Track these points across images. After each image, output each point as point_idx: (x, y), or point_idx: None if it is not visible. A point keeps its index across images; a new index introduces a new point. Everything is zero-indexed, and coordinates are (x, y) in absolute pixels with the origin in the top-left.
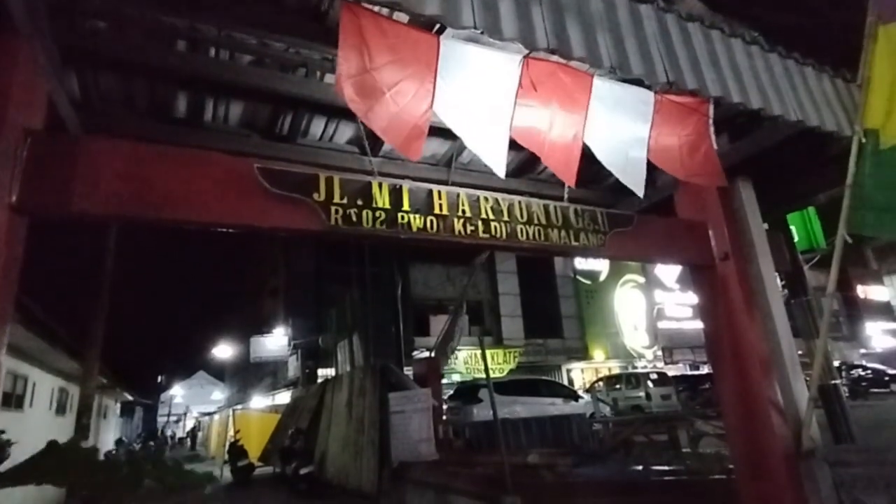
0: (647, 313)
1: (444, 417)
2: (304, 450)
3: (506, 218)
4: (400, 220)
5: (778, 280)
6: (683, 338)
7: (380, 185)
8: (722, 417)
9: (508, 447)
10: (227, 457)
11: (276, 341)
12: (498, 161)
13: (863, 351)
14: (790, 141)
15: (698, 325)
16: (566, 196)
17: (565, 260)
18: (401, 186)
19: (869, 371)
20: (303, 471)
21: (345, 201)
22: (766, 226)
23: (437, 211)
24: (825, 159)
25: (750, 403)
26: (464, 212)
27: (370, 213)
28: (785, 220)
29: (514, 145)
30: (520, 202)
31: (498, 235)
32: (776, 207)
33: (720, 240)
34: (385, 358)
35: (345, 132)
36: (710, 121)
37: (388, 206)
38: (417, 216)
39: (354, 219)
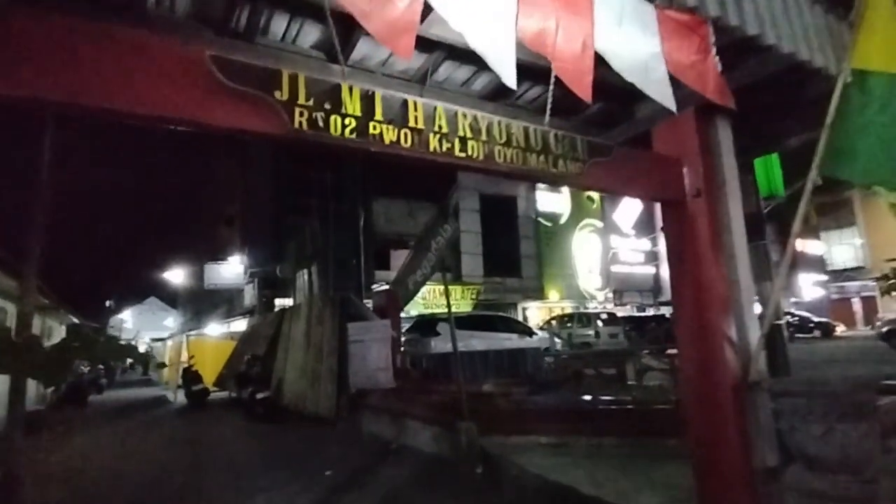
0: (601, 257)
1: (403, 349)
2: (261, 376)
3: (484, 137)
4: (371, 130)
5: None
6: (633, 281)
7: (350, 90)
8: (678, 350)
9: (465, 378)
10: (180, 381)
11: (231, 269)
12: (506, 64)
13: (793, 300)
14: (768, 81)
15: (648, 270)
16: (547, 120)
17: (527, 200)
18: (373, 93)
19: (797, 318)
20: (259, 395)
21: (311, 103)
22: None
23: (411, 124)
24: (801, 102)
25: (706, 338)
26: (440, 127)
27: (339, 119)
28: (751, 164)
29: (488, 66)
30: (499, 122)
31: (474, 155)
32: (748, 149)
33: (694, 177)
34: (345, 290)
35: (310, 33)
36: (713, 41)
37: (359, 113)
38: (391, 127)
39: (321, 124)
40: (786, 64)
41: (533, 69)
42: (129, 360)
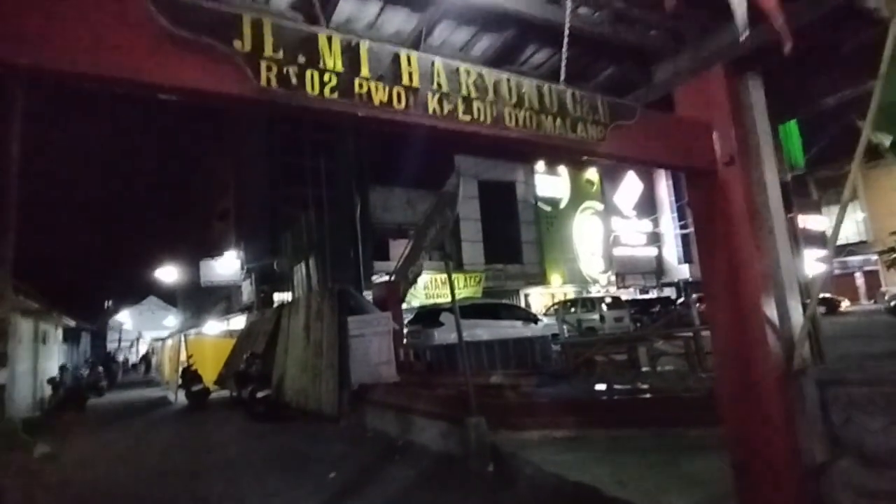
0: (603, 240)
1: (405, 341)
2: (261, 373)
3: (491, 97)
4: (357, 88)
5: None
6: (636, 264)
7: (329, 40)
8: (711, 335)
9: (471, 369)
10: (180, 381)
11: (227, 265)
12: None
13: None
14: (804, 28)
15: (650, 251)
16: (563, 78)
17: (526, 185)
18: (357, 43)
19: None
20: (260, 394)
21: (280, 56)
22: None
23: (405, 81)
24: (839, 55)
25: (743, 322)
26: (439, 85)
27: (316, 75)
28: (776, 130)
29: (493, 27)
30: (508, 79)
31: (481, 119)
32: (784, 109)
33: (725, 142)
34: (343, 282)
35: None
36: None
37: (340, 68)
38: (380, 85)
39: (295, 81)
40: (830, 6)
41: (539, 28)
42: (131, 361)
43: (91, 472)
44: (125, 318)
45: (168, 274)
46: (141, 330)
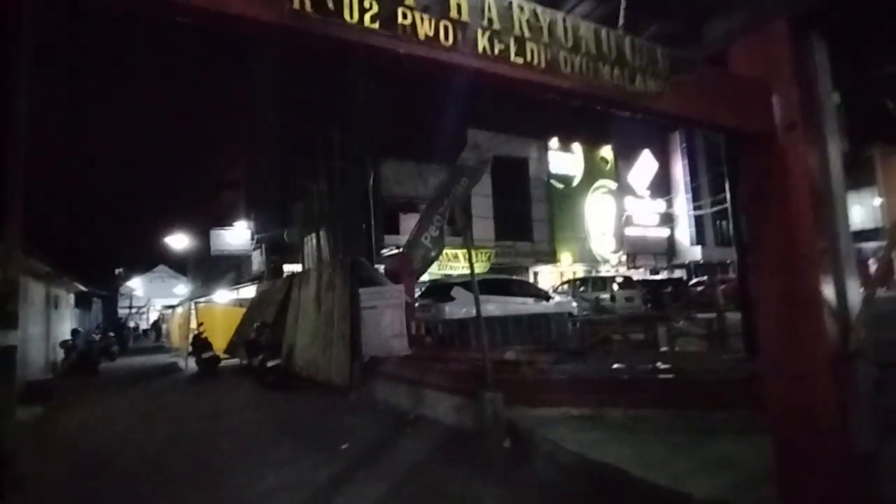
0: (615, 219)
1: (417, 314)
2: (271, 343)
3: (545, 38)
4: (401, 18)
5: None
6: (647, 244)
7: None
8: (760, 313)
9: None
10: (190, 349)
11: (237, 235)
12: None
13: None
14: None
15: (662, 232)
16: (621, 22)
17: (539, 162)
18: None
19: None
20: (270, 363)
21: None
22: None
23: (453, 14)
24: None
25: (797, 301)
26: (490, 21)
27: (355, 0)
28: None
29: None
30: (564, 20)
31: (534, 62)
32: (841, 77)
33: (786, 106)
34: (354, 254)
35: None
36: None
37: None
38: (426, 17)
39: (331, 5)
40: None
41: None
42: (142, 328)
43: (100, 436)
44: (136, 285)
45: (178, 242)
46: (151, 297)
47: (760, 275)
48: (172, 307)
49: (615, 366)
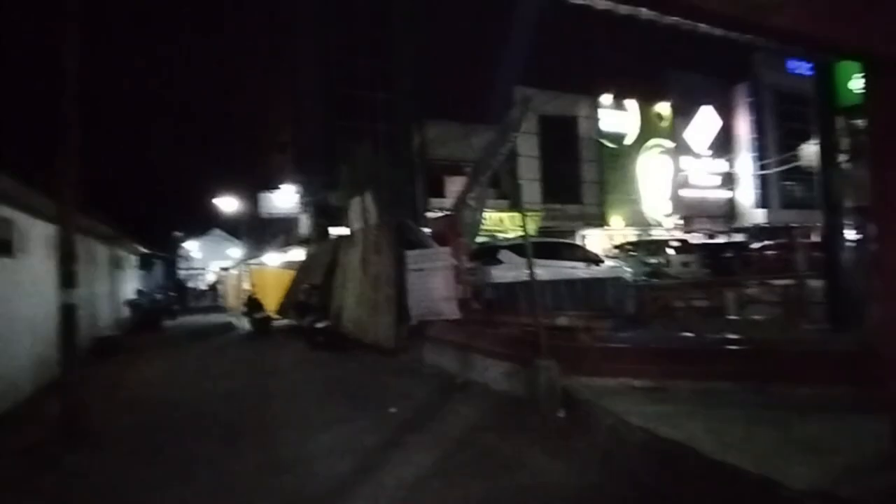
0: (670, 180)
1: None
2: (320, 305)
3: None
4: None
5: None
6: (705, 207)
7: None
8: (883, 283)
9: (534, 309)
10: (245, 309)
11: (285, 198)
12: None
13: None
14: None
15: (721, 194)
16: None
17: (589, 121)
18: None
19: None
20: (319, 324)
21: None
22: None
23: None
24: None
25: None
26: None
27: None
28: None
29: None
30: None
31: None
32: None
33: None
34: (400, 217)
35: None
36: None
37: None
38: None
39: None
40: None
41: None
42: (200, 288)
43: (163, 390)
44: (193, 248)
45: (227, 204)
46: (208, 259)
47: (887, 235)
48: (227, 269)
49: (681, 334)
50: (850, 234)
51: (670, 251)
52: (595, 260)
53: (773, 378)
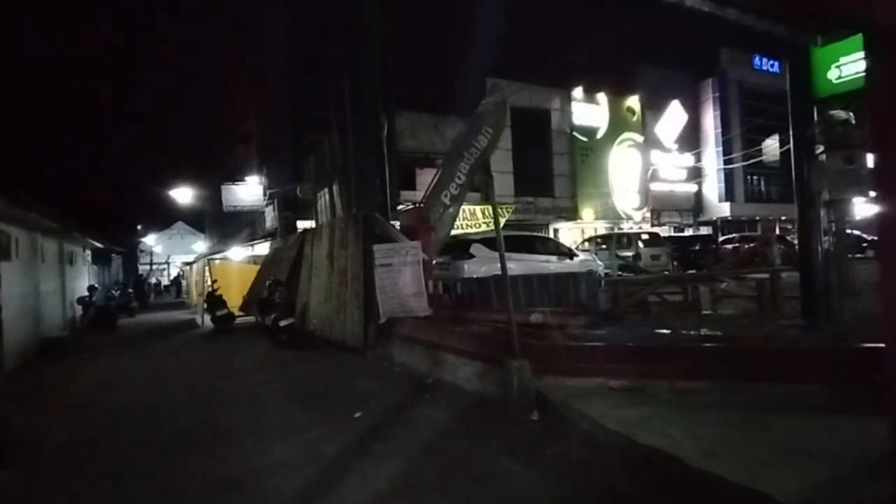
0: (640, 174)
1: (434, 272)
2: (284, 301)
3: None
4: None
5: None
6: (673, 200)
7: None
8: (883, 275)
9: (507, 306)
10: (205, 306)
11: (250, 190)
12: None
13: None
14: None
15: (689, 188)
16: None
17: (562, 114)
18: None
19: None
20: (282, 322)
21: None
22: None
23: None
24: None
25: None
26: None
27: None
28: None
29: None
30: None
31: None
32: None
33: None
34: (369, 210)
35: None
36: None
37: None
38: None
39: None
40: None
41: None
42: (163, 284)
43: (110, 396)
44: (156, 242)
45: (185, 196)
46: (170, 254)
47: (890, 224)
48: (190, 264)
49: (657, 331)
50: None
51: (640, 244)
52: (568, 254)
53: (750, 377)
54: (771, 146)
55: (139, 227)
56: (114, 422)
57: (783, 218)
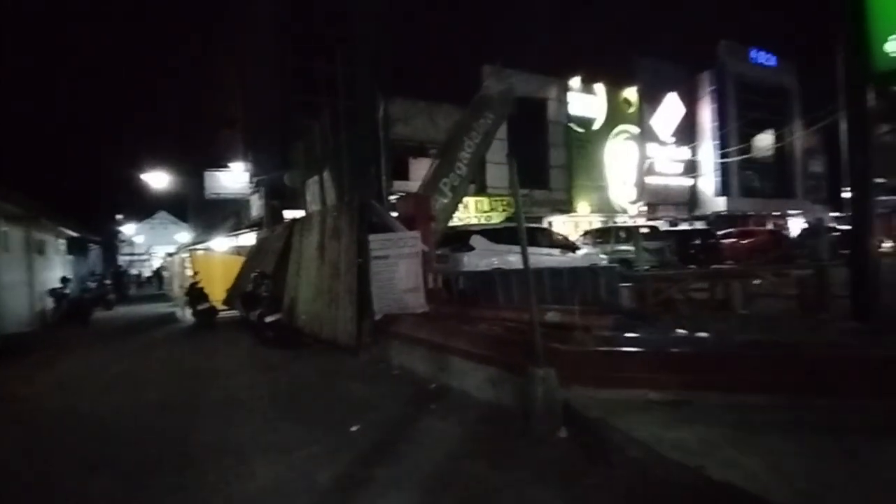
0: (636, 167)
1: (435, 265)
2: (271, 296)
3: None
4: None
5: None
6: (669, 194)
7: None
8: None
9: (511, 301)
10: (186, 299)
11: (235, 177)
12: None
13: (834, 214)
14: None
15: (685, 182)
16: None
17: (559, 104)
18: None
19: (839, 232)
20: (268, 318)
21: None
22: None
23: None
24: None
25: None
26: None
27: None
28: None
29: None
30: None
31: None
32: None
33: None
34: (363, 197)
35: None
36: None
37: None
38: None
39: None
40: None
41: None
42: (145, 275)
43: (71, 401)
44: (137, 232)
45: (165, 182)
46: (153, 245)
47: None
48: (173, 254)
49: (697, 335)
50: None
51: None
52: (571, 246)
53: (814, 389)
54: (762, 141)
55: (119, 216)
56: (69, 434)
57: (776, 213)
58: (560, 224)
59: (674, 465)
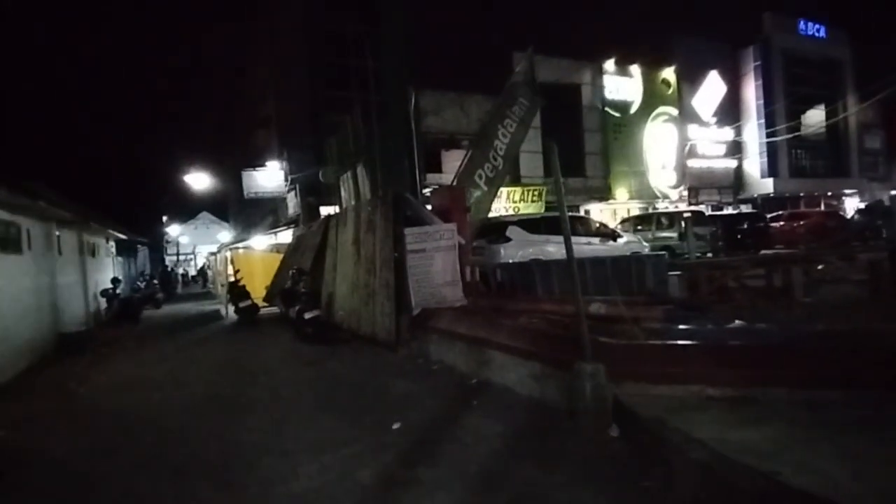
0: (677, 150)
1: (471, 258)
2: (309, 292)
3: None
4: None
5: None
6: (712, 177)
7: None
8: None
9: (551, 293)
10: (228, 297)
11: (271, 176)
12: None
13: (893, 192)
14: None
15: (729, 164)
16: None
17: (594, 88)
18: None
19: None
20: (307, 315)
21: None
22: None
23: None
24: None
25: None
26: None
27: None
28: None
29: None
30: None
31: None
32: None
33: None
34: (398, 190)
35: None
36: None
37: None
38: None
39: None
40: None
41: None
42: (191, 274)
43: (127, 397)
44: (182, 233)
45: (206, 184)
46: (196, 244)
47: None
48: (215, 253)
49: (758, 325)
50: None
51: (683, 224)
52: (611, 235)
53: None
54: (814, 117)
55: (164, 217)
56: (121, 431)
57: (829, 194)
58: (597, 212)
59: (742, 468)
